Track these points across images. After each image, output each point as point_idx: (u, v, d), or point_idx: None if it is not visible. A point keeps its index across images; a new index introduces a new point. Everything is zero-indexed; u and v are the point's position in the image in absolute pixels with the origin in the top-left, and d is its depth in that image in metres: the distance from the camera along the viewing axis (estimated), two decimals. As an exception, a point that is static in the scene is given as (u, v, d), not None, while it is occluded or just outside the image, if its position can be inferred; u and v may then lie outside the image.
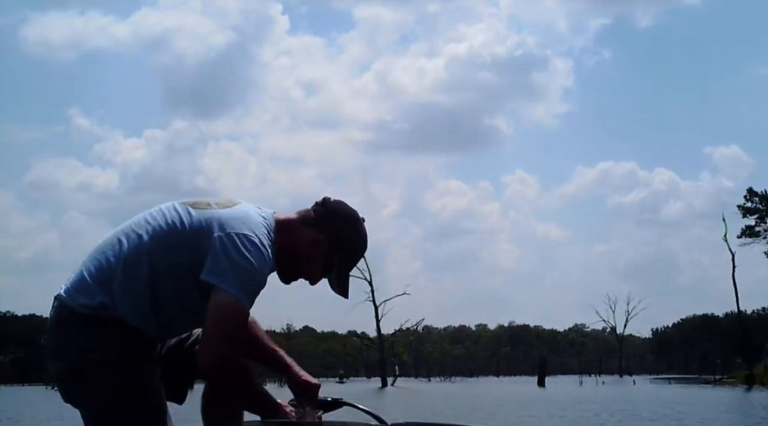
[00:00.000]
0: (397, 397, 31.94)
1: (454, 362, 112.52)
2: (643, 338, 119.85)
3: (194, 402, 2.66)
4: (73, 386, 2.38)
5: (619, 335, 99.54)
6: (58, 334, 2.38)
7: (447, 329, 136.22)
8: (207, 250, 2.32)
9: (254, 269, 2.32)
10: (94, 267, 2.39)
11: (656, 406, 21.83)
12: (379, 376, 62.46)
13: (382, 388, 51.43)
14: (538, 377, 54.55)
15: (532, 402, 25.25)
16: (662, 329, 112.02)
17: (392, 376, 62.55)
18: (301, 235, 2.51)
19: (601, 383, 61.48)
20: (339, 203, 2.60)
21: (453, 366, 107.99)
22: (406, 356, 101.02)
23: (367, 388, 51.22)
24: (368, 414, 2.60)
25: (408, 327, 66.69)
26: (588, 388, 45.77)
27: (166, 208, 2.48)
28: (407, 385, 57.35)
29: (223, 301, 2.27)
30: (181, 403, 2.60)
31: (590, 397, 30.24)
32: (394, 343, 79.16)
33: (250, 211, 2.45)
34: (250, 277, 2.31)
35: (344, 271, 2.58)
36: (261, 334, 2.72)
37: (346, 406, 2.63)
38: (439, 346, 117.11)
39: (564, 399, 28.03)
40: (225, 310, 2.27)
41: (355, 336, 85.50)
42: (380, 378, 60.57)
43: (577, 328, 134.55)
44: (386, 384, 57.00)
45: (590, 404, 23.02)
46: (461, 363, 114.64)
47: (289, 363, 2.69)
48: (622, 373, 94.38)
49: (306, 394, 2.63)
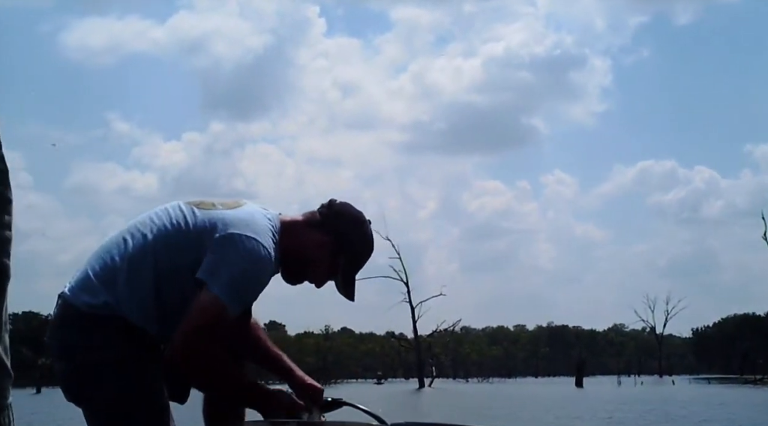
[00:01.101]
0: (432, 399, 32.11)
1: (493, 363, 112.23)
2: (683, 338, 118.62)
3: (195, 402, 2.66)
4: (76, 385, 2.36)
5: (659, 335, 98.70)
6: (62, 333, 2.38)
7: (485, 330, 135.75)
8: (208, 251, 2.34)
9: (248, 271, 2.33)
10: (99, 266, 2.39)
11: (694, 406, 21.77)
12: (416, 377, 62.54)
13: (419, 389, 51.46)
14: (576, 378, 54.37)
15: (569, 403, 25.22)
16: (702, 329, 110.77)
17: (429, 378, 62.63)
18: (306, 236, 2.52)
19: (640, 383, 61.09)
20: (345, 205, 2.61)
21: (491, 367, 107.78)
22: (444, 357, 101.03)
23: (405, 389, 51.28)
24: (368, 414, 2.60)
25: (445, 328, 66.67)
26: (626, 389, 45.57)
27: (171, 207, 2.49)
28: (444, 386, 57.26)
29: (204, 300, 2.28)
30: (183, 403, 2.56)
31: (625, 397, 30.21)
32: (431, 344, 79.24)
33: (255, 213, 2.46)
34: (241, 279, 2.32)
35: (350, 274, 2.58)
36: (263, 337, 2.73)
37: (346, 406, 2.63)
38: (477, 347, 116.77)
39: (601, 399, 28.03)
40: (203, 309, 2.27)
41: (392, 337, 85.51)
42: (417, 379, 60.64)
43: (617, 328, 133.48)
44: (423, 385, 56.88)
45: (619, 404, 23.03)
46: (499, 364, 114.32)
47: (291, 367, 2.70)
48: (661, 374, 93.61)
49: (310, 398, 2.63)
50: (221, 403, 2.61)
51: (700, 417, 16.91)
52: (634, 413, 18.45)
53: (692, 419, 16.34)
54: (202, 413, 2.66)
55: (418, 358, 64.00)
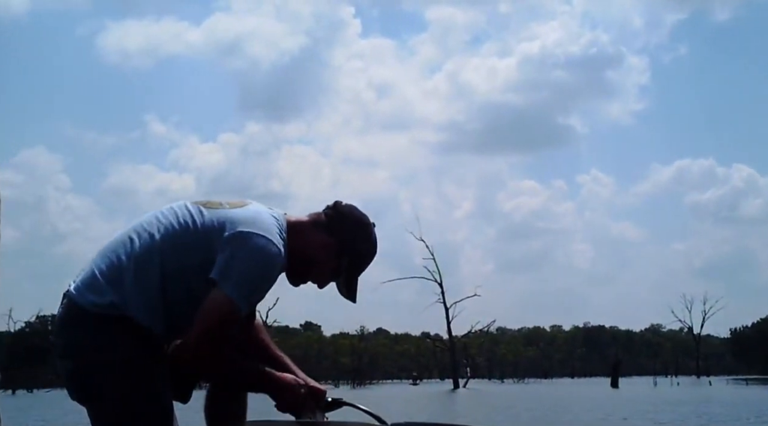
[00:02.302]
0: (463, 399, 32.27)
1: (528, 364, 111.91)
2: (721, 338, 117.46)
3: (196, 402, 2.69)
4: (81, 385, 2.35)
5: (696, 335, 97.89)
6: (67, 333, 2.37)
7: (521, 331, 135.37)
8: (218, 250, 2.34)
9: (259, 270, 2.34)
10: (105, 265, 2.38)
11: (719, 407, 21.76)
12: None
13: (453, 390, 51.60)
14: (611, 378, 54.35)
15: (603, 403, 25.24)
16: (741, 329, 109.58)
17: (464, 378, 62.70)
18: (311, 237, 2.52)
19: (676, 384, 60.76)
20: (350, 207, 2.61)
21: (527, 368, 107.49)
22: (480, 358, 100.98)
23: (439, 389, 51.41)
24: (368, 414, 2.61)
25: (479, 329, 66.76)
26: (661, 390, 45.43)
27: (177, 207, 2.49)
28: (479, 387, 57.19)
29: (216, 299, 2.29)
30: (186, 403, 2.58)
31: (655, 397, 30.19)
32: (467, 345, 79.22)
33: (262, 212, 2.46)
34: (252, 277, 2.33)
35: (353, 276, 2.58)
36: (266, 339, 2.72)
37: (346, 406, 2.64)
38: (512, 348, 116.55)
39: (630, 399, 28.07)
40: (215, 309, 2.29)
41: (428, 338, 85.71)
42: (452, 380, 60.84)
43: (654, 329, 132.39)
44: (458, 386, 57.07)
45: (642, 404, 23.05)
46: (535, 364, 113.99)
47: (294, 369, 2.67)
48: (699, 374, 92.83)
49: (314, 399, 2.61)
50: (223, 403, 2.63)
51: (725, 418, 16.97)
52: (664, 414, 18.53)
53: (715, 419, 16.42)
54: (203, 413, 2.66)
55: (453, 359, 64.10)
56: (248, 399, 2.71)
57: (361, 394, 44.37)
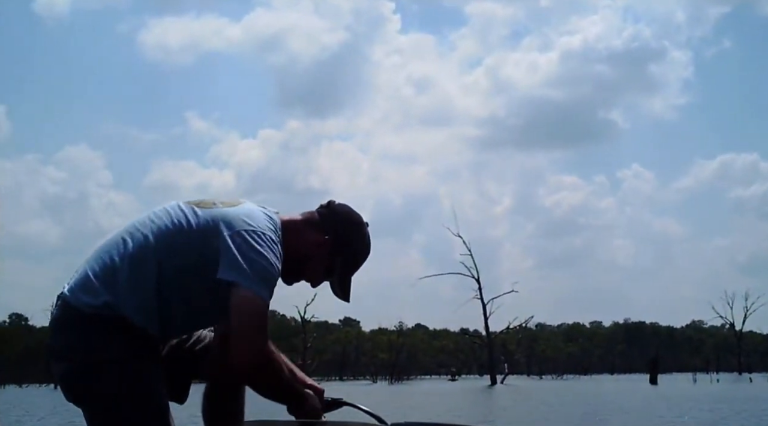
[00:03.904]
0: (498, 395, 32.35)
1: (568, 360, 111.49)
2: (763, 335, 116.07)
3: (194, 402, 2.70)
4: (76, 386, 2.35)
5: (738, 332, 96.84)
6: (62, 334, 2.36)
7: (561, 327, 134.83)
8: (216, 250, 2.33)
9: (269, 263, 2.33)
10: (99, 266, 2.37)
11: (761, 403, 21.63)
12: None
13: (491, 386, 51.55)
14: (649, 375, 54.08)
15: (641, 400, 25.16)
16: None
17: (502, 374, 62.67)
18: (304, 236, 2.52)
19: (716, 381, 60.22)
20: (344, 206, 2.61)
21: (566, 364, 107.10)
22: (519, 354, 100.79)
23: (477, 386, 51.26)
24: (368, 414, 2.60)
25: (517, 325, 66.56)
26: (701, 386, 45.10)
27: (170, 207, 2.47)
28: (517, 383, 56.94)
29: (245, 297, 2.28)
30: (182, 403, 2.59)
31: (692, 394, 30.05)
32: (505, 341, 79.08)
33: (255, 210, 2.45)
34: (266, 271, 2.31)
35: (346, 275, 2.58)
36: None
37: (346, 406, 2.64)
38: (552, 344, 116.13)
39: (673, 396, 27.98)
40: (249, 306, 2.28)
41: (466, 334, 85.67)
42: (489, 376, 60.83)
43: (695, 325, 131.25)
44: (495, 382, 56.94)
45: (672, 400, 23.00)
46: (575, 361, 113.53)
47: (292, 368, 2.67)
48: (741, 371, 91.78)
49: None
50: (221, 403, 2.66)
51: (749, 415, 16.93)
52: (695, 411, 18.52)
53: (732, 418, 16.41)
54: (201, 413, 2.68)
55: (490, 355, 64.12)
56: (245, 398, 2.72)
57: (397, 390, 44.56)
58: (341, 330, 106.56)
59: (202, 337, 2.68)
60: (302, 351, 73.43)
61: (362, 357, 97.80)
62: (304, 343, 74.87)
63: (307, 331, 76.62)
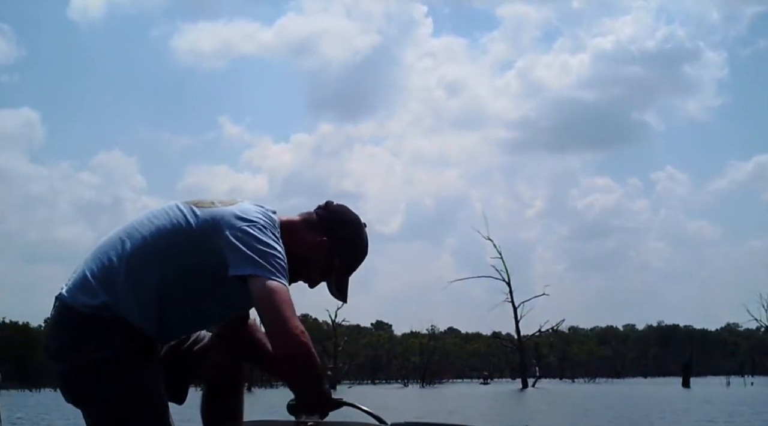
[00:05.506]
0: (528, 399, 32.35)
1: (601, 363, 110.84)
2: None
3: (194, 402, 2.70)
4: (74, 386, 2.35)
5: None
6: (60, 334, 2.35)
7: (593, 330, 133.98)
8: (218, 249, 2.31)
9: (278, 251, 2.32)
10: (97, 267, 2.36)
11: None
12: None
13: (522, 389, 51.56)
14: (682, 378, 53.87)
15: (671, 403, 25.09)
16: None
17: (534, 378, 62.59)
18: (303, 236, 2.50)
19: (750, 384, 59.79)
20: (342, 207, 2.60)
21: (599, 367, 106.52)
22: (551, 357, 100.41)
23: (508, 389, 51.31)
24: (368, 414, 2.59)
25: (549, 328, 66.39)
26: (733, 390, 44.89)
27: (169, 208, 2.45)
28: (548, 387, 56.90)
29: (267, 286, 2.25)
30: (181, 403, 2.59)
31: (722, 397, 29.97)
32: (537, 345, 78.84)
33: (253, 208, 2.44)
34: (278, 259, 2.30)
35: (344, 275, 2.57)
36: (261, 338, 2.66)
37: (346, 406, 2.60)
38: (585, 347, 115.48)
39: (696, 399, 27.94)
40: (275, 294, 2.25)
41: (498, 337, 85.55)
42: (521, 379, 60.72)
43: (730, 328, 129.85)
44: (527, 385, 56.89)
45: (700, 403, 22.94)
46: (608, 364, 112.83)
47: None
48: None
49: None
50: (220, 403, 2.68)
51: None
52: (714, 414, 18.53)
53: None
54: (200, 413, 2.69)
55: (521, 359, 63.86)
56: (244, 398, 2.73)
57: (429, 393, 44.72)
58: (373, 333, 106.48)
59: (200, 338, 2.68)
60: (333, 355, 73.81)
61: (394, 360, 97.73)
62: (335, 347, 75.16)
63: (338, 334, 76.84)
